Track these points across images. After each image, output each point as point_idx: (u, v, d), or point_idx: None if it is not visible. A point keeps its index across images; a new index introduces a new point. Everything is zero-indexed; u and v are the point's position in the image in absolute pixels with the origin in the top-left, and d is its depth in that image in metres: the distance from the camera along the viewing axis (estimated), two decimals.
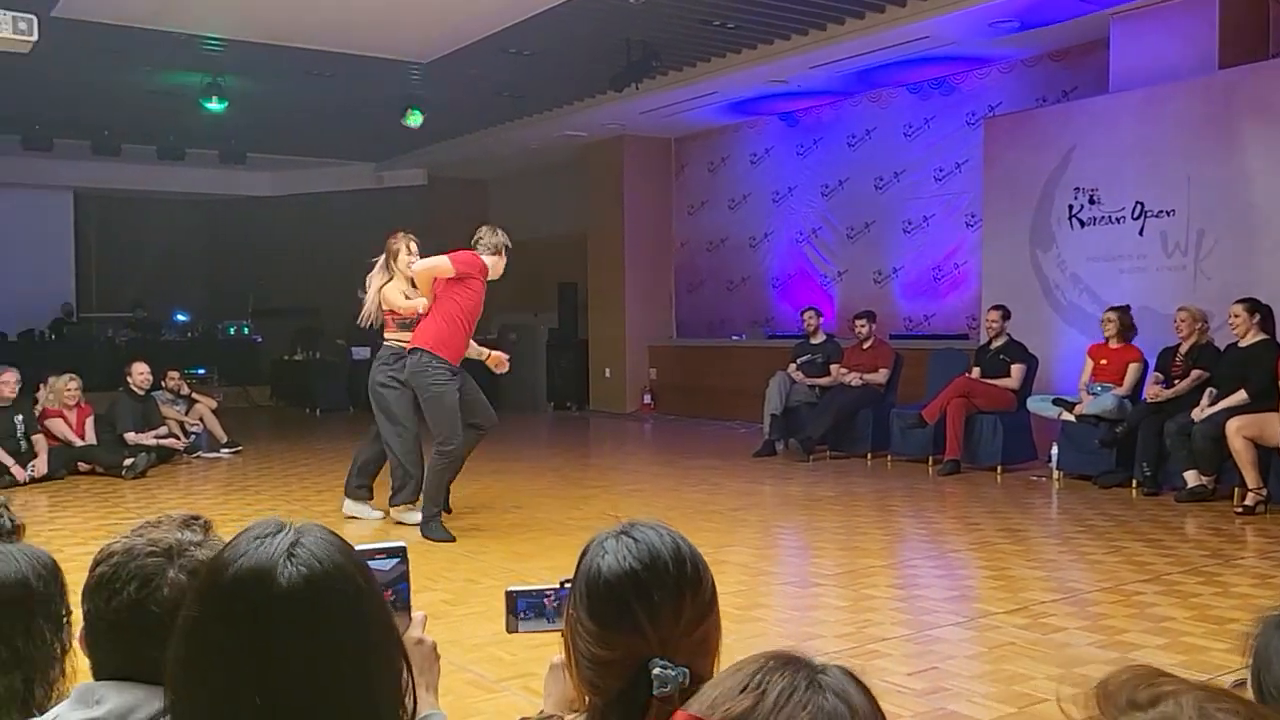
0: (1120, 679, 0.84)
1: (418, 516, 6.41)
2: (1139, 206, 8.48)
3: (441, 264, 6.42)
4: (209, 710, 1.06)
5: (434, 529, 6.22)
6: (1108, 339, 8.02)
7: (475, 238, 6.71)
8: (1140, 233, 8.48)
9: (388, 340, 6.69)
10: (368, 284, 6.84)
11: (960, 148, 10.72)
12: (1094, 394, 7.88)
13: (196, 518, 1.50)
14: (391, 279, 6.75)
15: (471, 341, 6.66)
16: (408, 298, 6.63)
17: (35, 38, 7.67)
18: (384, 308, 6.71)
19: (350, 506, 6.88)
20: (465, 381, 6.49)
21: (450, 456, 6.37)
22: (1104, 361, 8.02)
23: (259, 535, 1.12)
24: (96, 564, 1.41)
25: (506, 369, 7.04)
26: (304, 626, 1.07)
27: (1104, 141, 8.73)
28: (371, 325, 6.88)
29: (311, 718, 1.06)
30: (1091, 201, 8.81)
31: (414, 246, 6.81)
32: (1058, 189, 9.07)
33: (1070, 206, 8.98)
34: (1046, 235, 9.16)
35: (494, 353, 6.99)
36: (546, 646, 1.78)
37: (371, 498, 6.93)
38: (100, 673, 1.39)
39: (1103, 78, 9.07)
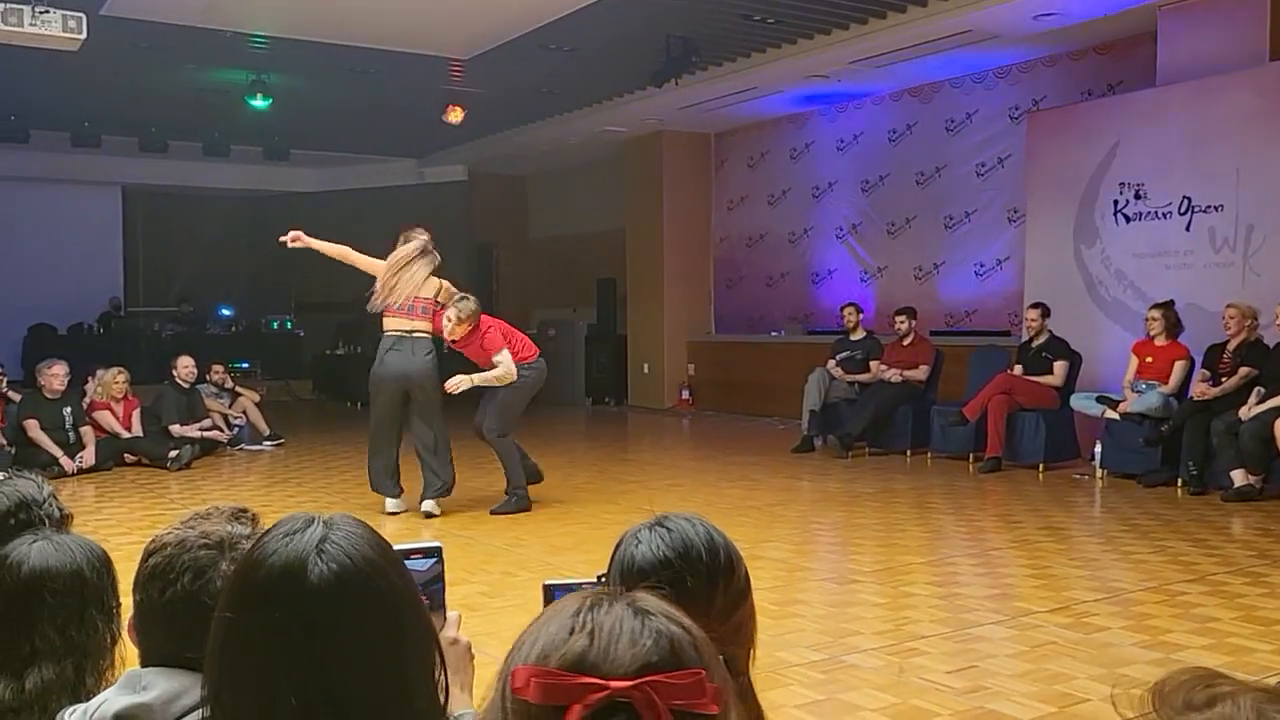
0: (1176, 680, 0.84)
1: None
2: (1186, 202, 8.35)
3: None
4: (248, 706, 1.06)
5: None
6: (1153, 336, 7.92)
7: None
8: (1187, 228, 8.35)
9: (427, 334, 6.69)
10: (403, 267, 6.70)
11: (1003, 142, 10.61)
12: (1139, 391, 7.78)
13: (244, 510, 1.52)
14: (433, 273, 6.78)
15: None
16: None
17: (84, 36, 7.79)
18: (440, 297, 6.69)
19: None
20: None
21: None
22: (1149, 359, 7.92)
23: (288, 532, 1.11)
24: (149, 554, 1.43)
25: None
26: (337, 622, 1.06)
27: (1150, 136, 8.60)
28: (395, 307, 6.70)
29: (348, 712, 1.05)
30: (1137, 197, 8.69)
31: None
32: (1103, 184, 8.95)
33: (1115, 202, 8.86)
34: (1091, 231, 9.05)
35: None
36: None
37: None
38: (147, 660, 1.42)
39: (1149, 71, 8.94)
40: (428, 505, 6.67)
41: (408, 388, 6.63)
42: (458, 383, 6.54)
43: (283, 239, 6.96)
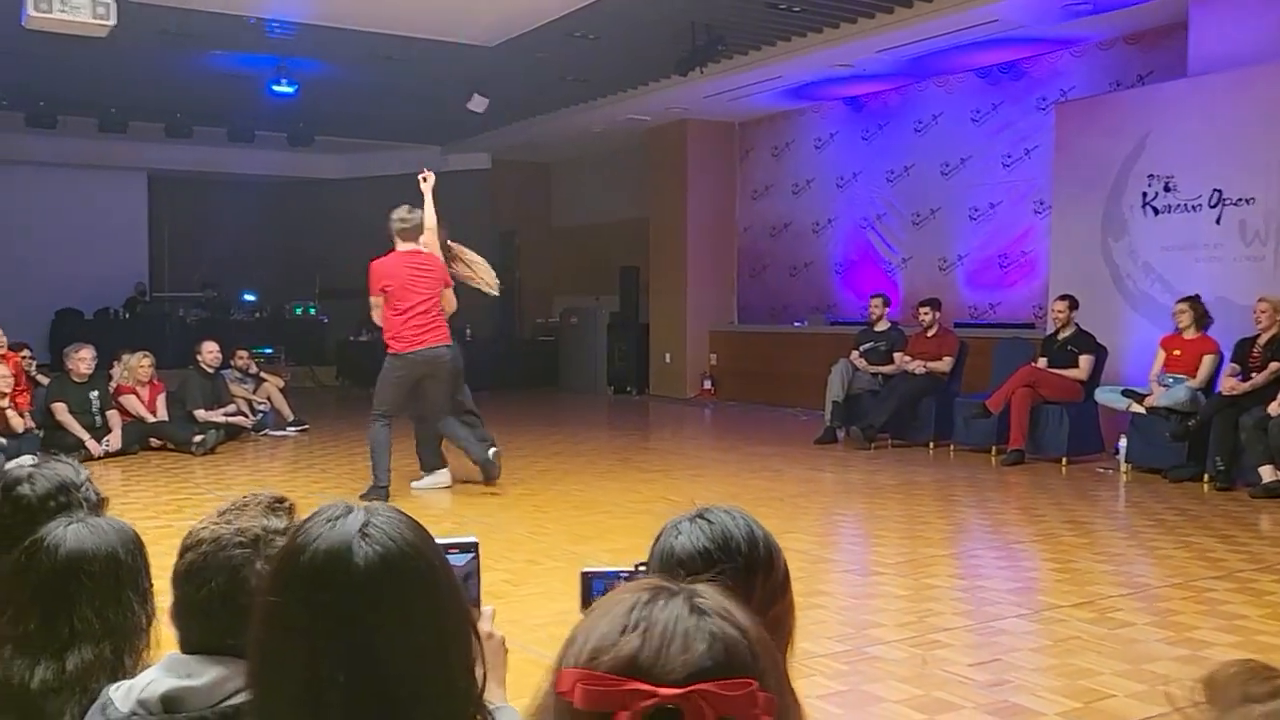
0: (1229, 672, 0.82)
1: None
2: (1217, 194, 8.27)
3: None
4: (293, 692, 1.08)
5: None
6: (1181, 330, 7.85)
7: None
8: (1218, 221, 8.27)
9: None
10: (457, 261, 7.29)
11: (1030, 133, 10.52)
12: (1166, 385, 7.72)
13: (282, 500, 1.52)
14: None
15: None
16: None
17: (113, 22, 7.83)
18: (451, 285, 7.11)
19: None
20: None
21: None
22: (1176, 352, 7.85)
23: (330, 518, 1.13)
24: (185, 550, 1.44)
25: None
26: (382, 605, 1.08)
27: (1181, 127, 8.51)
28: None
29: (392, 694, 1.08)
30: (1167, 189, 8.61)
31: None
32: (1131, 176, 8.87)
33: (1144, 194, 8.78)
34: (1119, 223, 8.97)
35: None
36: None
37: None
38: (187, 647, 1.43)
39: (1180, 61, 8.84)
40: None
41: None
42: None
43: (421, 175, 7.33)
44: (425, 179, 7.34)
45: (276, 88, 11.32)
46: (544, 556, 5.37)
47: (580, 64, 11.16)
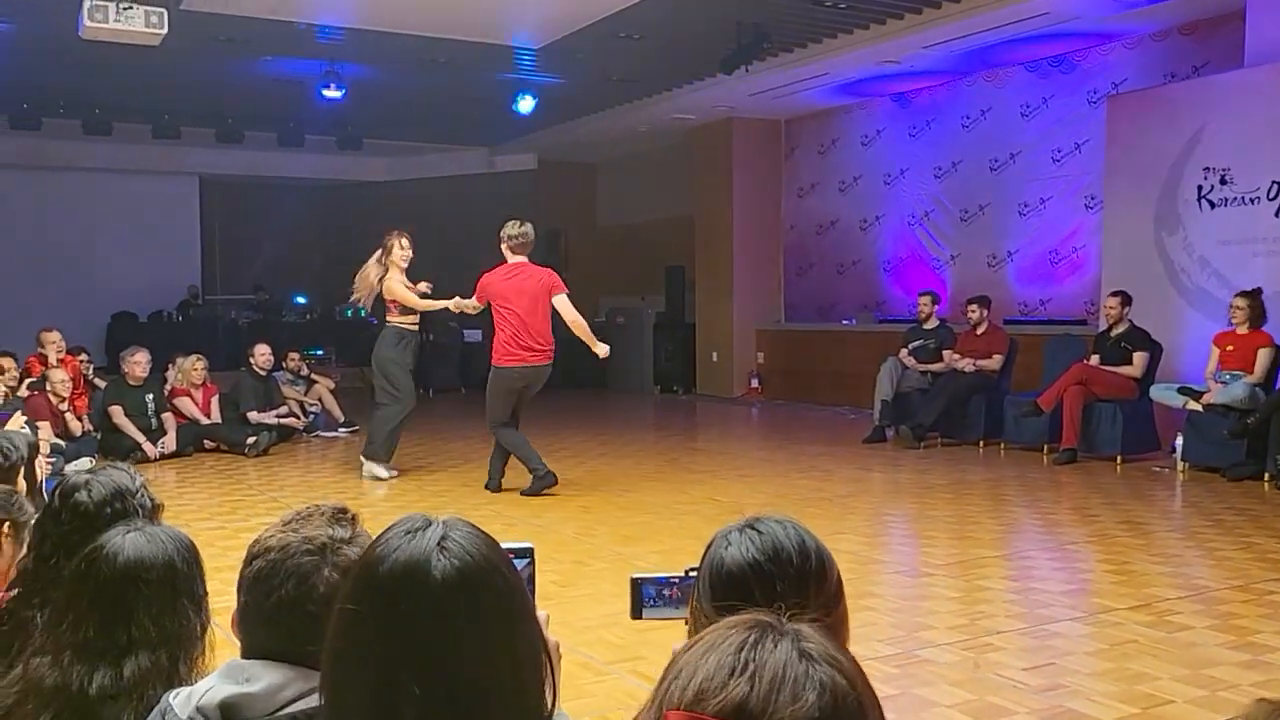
0: (1265, 710, 0.80)
1: (382, 471, 7.78)
2: (1276, 186, 8.09)
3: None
4: (365, 701, 1.10)
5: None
6: (1236, 325, 7.70)
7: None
8: (1276, 214, 8.09)
9: (392, 323, 7.75)
10: (362, 275, 7.80)
11: (1081, 127, 10.37)
12: (1223, 382, 7.57)
13: (344, 510, 1.54)
14: (387, 272, 7.66)
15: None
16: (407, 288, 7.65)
17: (165, 30, 7.97)
18: (386, 296, 7.67)
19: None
20: None
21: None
22: (1230, 348, 7.70)
23: (409, 530, 1.16)
24: (252, 558, 1.46)
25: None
26: (458, 618, 1.10)
27: (1237, 119, 8.34)
28: (363, 307, 8.22)
29: (465, 706, 1.09)
30: (1223, 182, 8.44)
31: (406, 242, 7.73)
32: (1186, 169, 8.71)
33: (1199, 187, 8.62)
34: (1173, 217, 8.81)
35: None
36: (654, 630, 1.80)
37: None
38: (248, 654, 1.45)
39: (1236, 52, 8.67)
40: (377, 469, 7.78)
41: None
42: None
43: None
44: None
45: (325, 92, 11.43)
46: (591, 558, 5.38)
47: (626, 64, 11.17)
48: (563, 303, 7.08)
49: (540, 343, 7.05)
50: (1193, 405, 7.72)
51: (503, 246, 7.12)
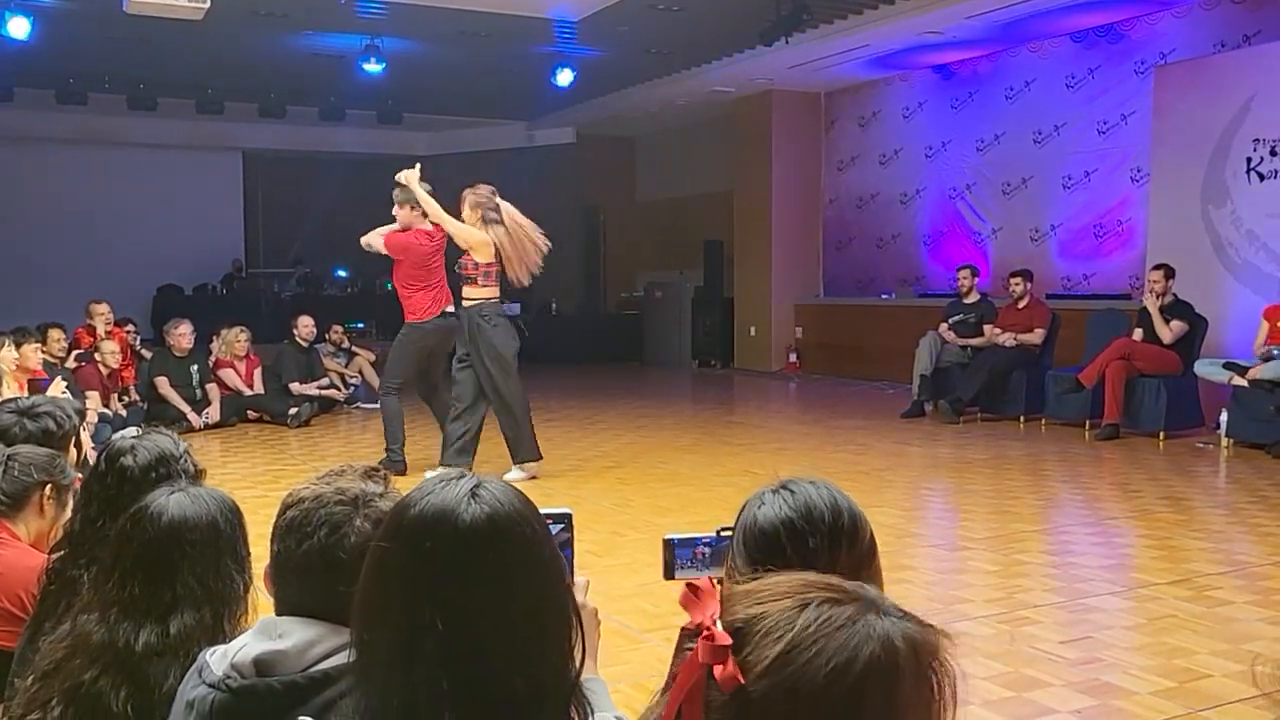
0: None
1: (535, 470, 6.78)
2: None
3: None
4: (393, 644, 1.13)
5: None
6: None
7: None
8: None
9: (484, 298, 7.19)
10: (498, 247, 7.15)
11: (1127, 99, 10.19)
12: (1271, 358, 7.45)
13: (376, 469, 1.58)
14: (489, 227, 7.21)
15: None
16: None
17: (208, 5, 8.03)
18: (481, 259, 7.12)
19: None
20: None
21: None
22: None
23: (443, 479, 1.19)
24: (286, 508, 1.50)
25: None
26: (485, 563, 1.13)
27: None
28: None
29: (486, 655, 1.11)
30: (1273, 154, 8.27)
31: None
32: (1235, 140, 8.54)
33: (1249, 159, 8.46)
34: (1221, 190, 8.66)
35: None
36: None
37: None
38: (281, 609, 1.48)
39: None
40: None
41: None
42: None
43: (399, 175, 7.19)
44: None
45: (366, 66, 11.48)
46: (628, 528, 5.42)
47: (664, 36, 11.11)
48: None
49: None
50: (1238, 380, 7.61)
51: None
